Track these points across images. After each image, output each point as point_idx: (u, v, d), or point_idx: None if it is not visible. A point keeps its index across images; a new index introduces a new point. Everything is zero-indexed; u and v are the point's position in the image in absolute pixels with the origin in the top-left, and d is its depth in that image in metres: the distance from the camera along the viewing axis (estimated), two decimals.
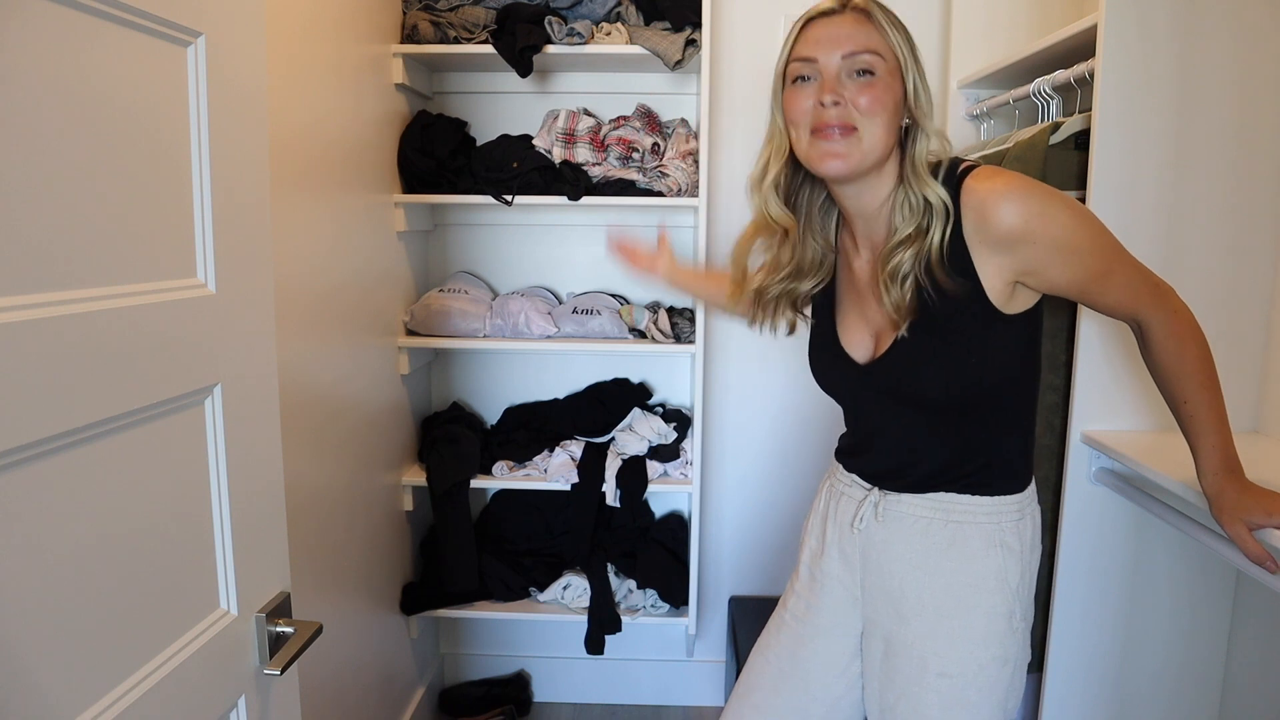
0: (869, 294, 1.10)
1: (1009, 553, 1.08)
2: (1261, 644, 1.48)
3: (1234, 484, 1.00)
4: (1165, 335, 1.03)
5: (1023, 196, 0.96)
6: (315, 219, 1.56)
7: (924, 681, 1.08)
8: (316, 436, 1.58)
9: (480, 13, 1.99)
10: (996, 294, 0.99)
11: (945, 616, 1.08)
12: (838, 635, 1.18)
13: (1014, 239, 0.96)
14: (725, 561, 2.40)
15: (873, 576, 1.13)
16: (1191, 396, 1.02)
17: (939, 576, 1.08)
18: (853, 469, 1.18)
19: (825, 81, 0.99)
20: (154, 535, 0.75)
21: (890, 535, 1.11)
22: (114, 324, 0.68)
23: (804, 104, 1.01)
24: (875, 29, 0.99)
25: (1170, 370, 1.03)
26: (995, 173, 0.99)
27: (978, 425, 1.06)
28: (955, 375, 1.02)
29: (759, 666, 1.25)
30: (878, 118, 0.98)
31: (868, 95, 0.98)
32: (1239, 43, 1.37)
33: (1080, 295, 1.03)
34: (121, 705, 0.70)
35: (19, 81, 0.59)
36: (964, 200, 0.99)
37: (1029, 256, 0.97)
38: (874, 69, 0.99)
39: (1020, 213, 0.95)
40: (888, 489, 1.12)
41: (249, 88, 0.87)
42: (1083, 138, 1.47)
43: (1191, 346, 1.02)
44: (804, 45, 1.02)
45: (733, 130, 2.20)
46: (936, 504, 1.08)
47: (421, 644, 2.26)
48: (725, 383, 2.32)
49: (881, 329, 1.09)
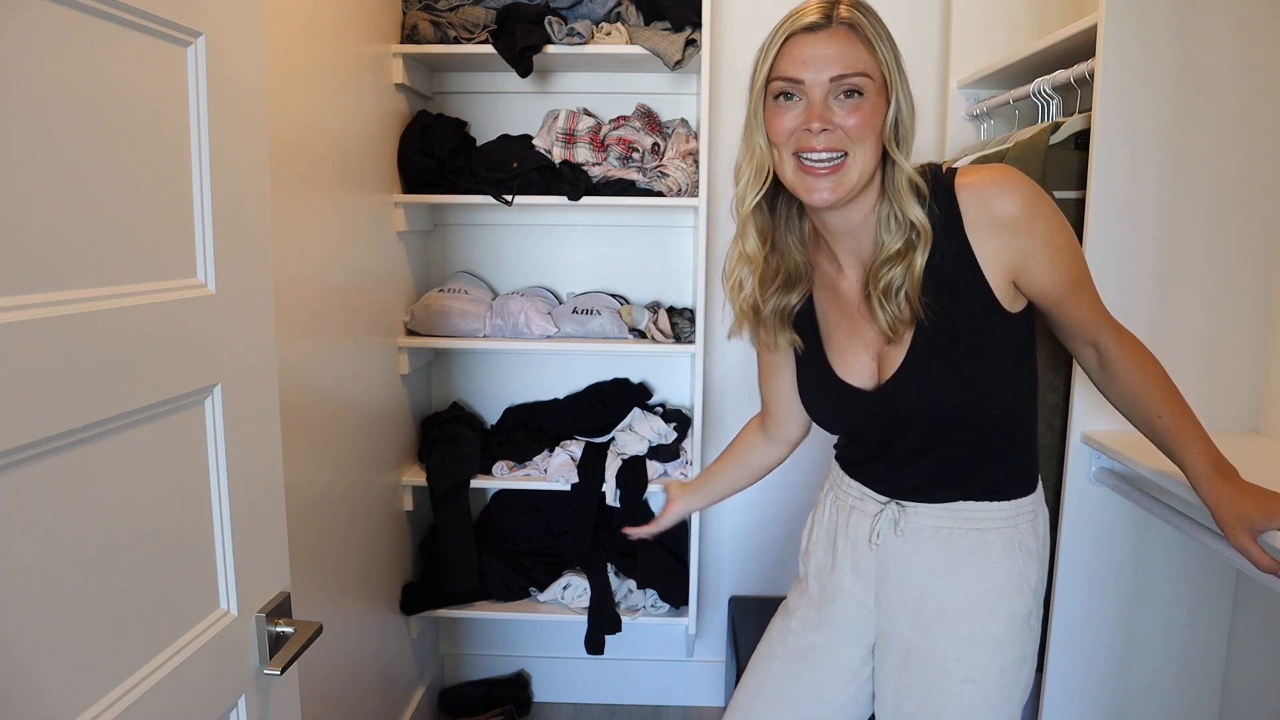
0: (861, 313, 1.07)
1: (1028, 554, 1.08)
2: (1261, 644, 1.48)
3: (1229, 487, 0.99)
4: (1129, 352, 1.05)
5: (1018, 184, 0.97)
6: (315, 219, 1.56)
7: (946, 688, 1.07)
8: (316, 436, 1.58)
9: (480, 13, 1.99)
10: (1001, 291, 0.99)
11: (967, 622, 1.07)
12: (849, 646, 1.17)
13: (1011, 224, 0.97)
14: (725, 561, 2.40)
15: (891, 589, 1.11)
16: (1164, 409, 1.03)
17: (960, 584, 1.07)
18: (863, 482, 1.15)
19: (812, 106, 0.95)
20: (154, 535, 0.75)
21: (910, 547, 1.09)
22: (114, 324, 0.68)
23: (788, 125, 0.97)
24: (864, 46, 0.94)
25: (1137, 387, 1.04)
26: (980, 166, 1.00)
27: (990, 434, 1.06)
28: (969, 387, 1.01)
29: (761, 676, 1.22)
30: (867, 141, 0.95)
31: (856, 118, 0.94)
32: (1239, 42, 1.37)
33: (1058, 303, 1.03)
34: (121, 705, 0.70)
35: (19, 81, 0.59)
36: (961, 197, 0.98)
37: (1023, 247, 0.98)
38: (863, 89, 0.95)
39: (1017, 199, 0.96)
40: (908, 502, 1.10)
41: (249, 88, 0.87)
42: (1083, 138, 1.47)
43: (1151, 362, 1.05)
44: (788, 63, 0.96)
45: (732, 130, 2.19)
46: (956, 513, 1.07)
47: (421, 644, 2.26)
48: (725, 383, 2.32)
49: (884, 349, 1.05)
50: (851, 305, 1.08)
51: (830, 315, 1.12)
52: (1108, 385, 1.09)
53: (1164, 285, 1.42)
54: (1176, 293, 1.43)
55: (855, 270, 1.08)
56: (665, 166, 2.01)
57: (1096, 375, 1.10)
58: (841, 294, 1.09)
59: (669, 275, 2.30)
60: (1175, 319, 1.42)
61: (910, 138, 0.99)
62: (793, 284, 1.10)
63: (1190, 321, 1.43)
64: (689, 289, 2.30)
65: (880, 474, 1.12)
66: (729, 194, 2.03)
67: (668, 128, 2.13)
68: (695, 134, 2.10)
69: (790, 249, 1.09)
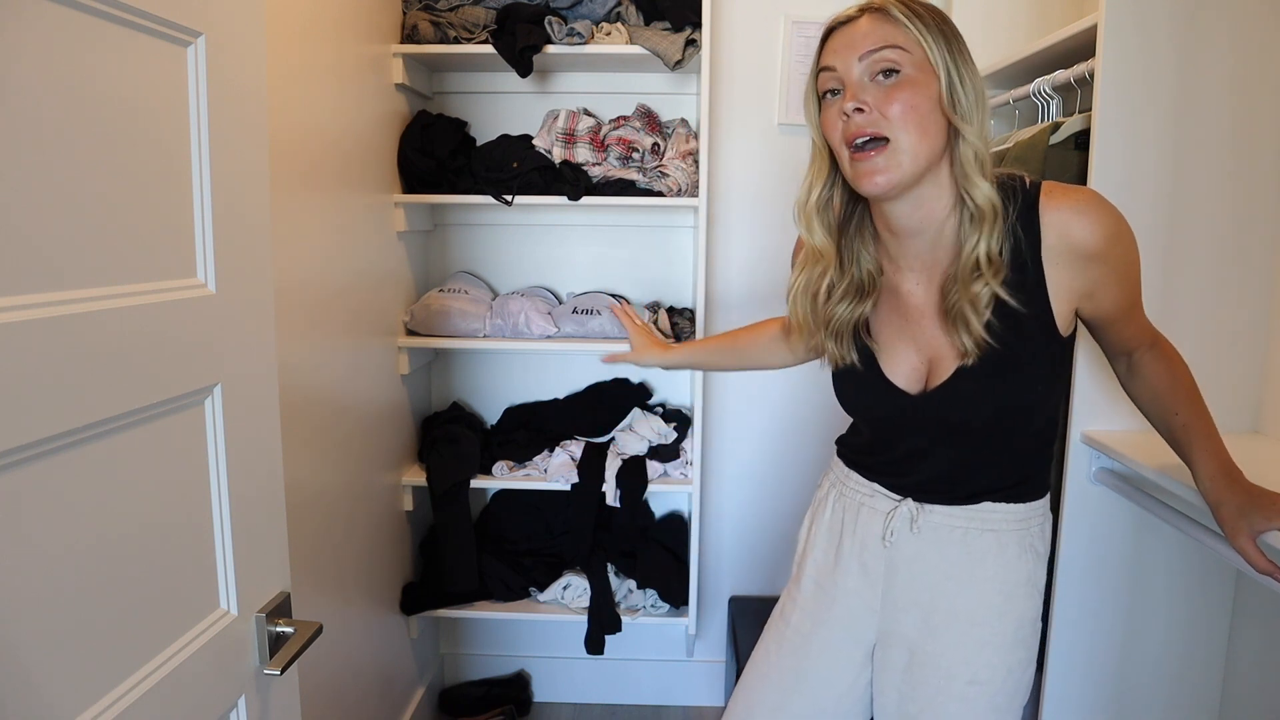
0: (923, 319, 1.04)
1: (1038, 557, 1.08)
2: (1261, 644, 1.48)
3: (1233, 487, 0.99)
4: (1161, 356, 1.08)
5: (1107, 214, 0.96)
6: (315, 219, 1.56)
7: (951, 690, 1.06)
8: (316, 436, 1.58)
9: (480, 13, 1.99)
10: (1061, 316, 0.99)
11: (976, 625, 1.06)
12: (848, 648, 1.15)
13: (1091, 255, 0.95)
14: (725, 561, 2.40)
15: (900, 589, 1.10)
16: (1183, 408, 1.05)
17: (973, 585, 1.06)
18: (877, 480, 1.14)
19: (847, 89, 0.94)
20: (154, 535, 0.75)
21: (924, 547, 1.08)
22: (114, 324, 0.68)
23: (834, 119, 0.96)
24: (893, 24, 0.93)
25: (1167, 387, 1.07)
26: (1071, 188, 0.98)
27: (1020, 441, 1.05)
28: (1015, 400, 1.00)
29: (758, 683, 1.21)
30: (910, 122, 0.92)
31: (896, 100, 0.92)
32: (1239, 42, 1.37)
33: (1113, 323, 1.04)
34: (121, 705, 0.70)
35: (19, 81, 0.59)
36: (1044, 217, 0.96)
37: (1097, 275, 0.97)
38: (898, 65, 0.92)
39: (1100, 230, 0.95)
40: (925, 501, 1.08)
41: (249, 88, 0.87)
42: (1083, 138, 1.47)
43: (1182, 365, 1.08)
44: (825, 55, 0.97)
45: (732, 130, 2.20)
46: (974, 514, 1.06)
47: (421, 644, 2.26)
48: (725, 383, 2.31)
49: (938, 356, 1.03)
50: (910, 306, 1.06)
51: (881, 310, 1.09)
52: (1134, 384, 1.11)
53: (1164, 285, 1.42)
54: (1176, 292, 1.43)
55: (920, 274, 1.05)
56: (665, 166, 2.01)
57: (1124, 376, 1.12)
58: (901, 294, 1.07)
59: (669, 275, 2.31)
60: (1175, 319, 1.42)
61: (974, 114, 0.94)
62: (865, 293, 1.07)
63: (1190, 321, 1.43)
64: (689, 289, 2.30)
65: (899, 471, 1.11)
66: (729, 194, 2.02)
67: (668, 128, 2.13)
68: (695, 134, 2.10)
69: (862, 256, 1.07)
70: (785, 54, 2.14)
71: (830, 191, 1.05)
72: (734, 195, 2.22)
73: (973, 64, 0.95)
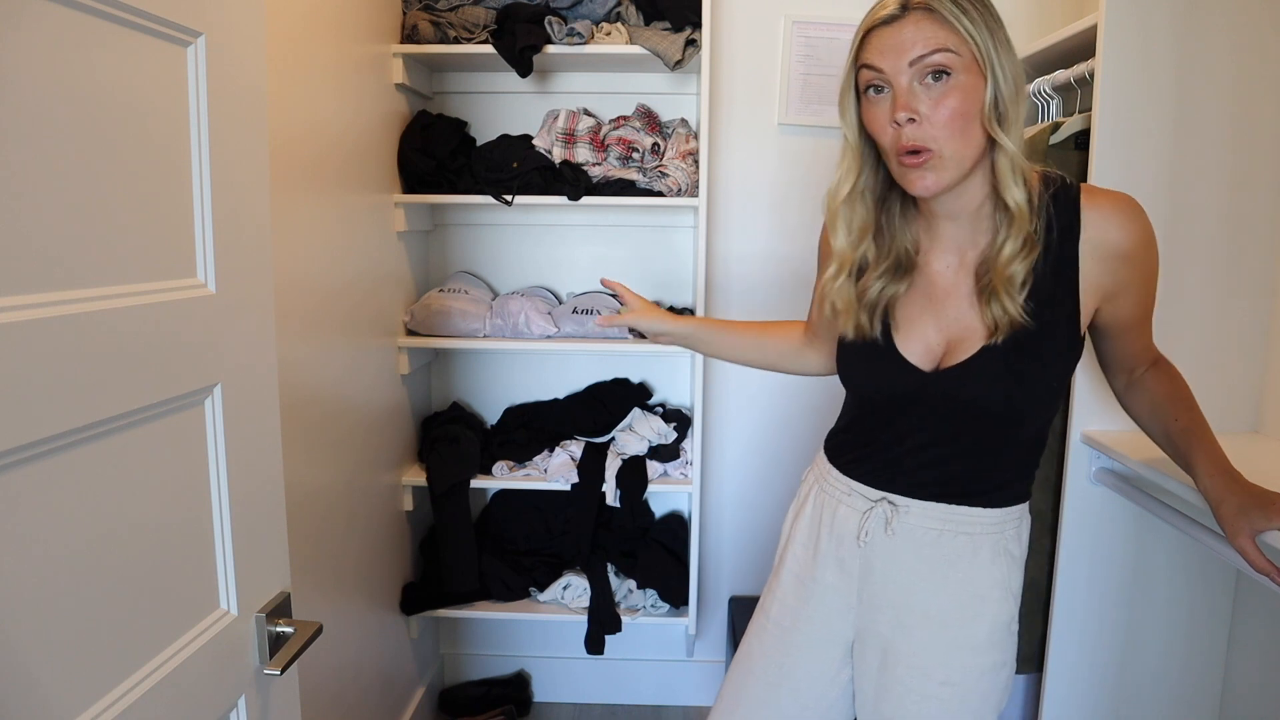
0: (949, 298, 1.04)
1: (1012, 561, 1.08)
2: (1261, 644, 1.48)
3: (1233, 487, 1.00)
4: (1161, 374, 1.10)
5: (1144, 219, 0.99)
6: (315, 219, 1.56)
7: (925, 691, 1.07)
8: (317, 436, 1.58)
9: (480, 13, 1.99)
10: (1086, 311, 1.01)
11: (949, 626, 1.07)
12: (828, 644, 1.16)
13: (1124, 255, 0.98)
14: (725, 561, 2.40)
15: (875, 587, 1.10)
16: (1183, 415, 1.07)
17: (946, 587, 1.07)
18: (857, 476, 1.13)
19: (898, 96, 0.93)
20: (154, 535, 0.75)
21: (899, 547, 1.08)
22: (114, 324, 0.68)
23: (881, 119, 0.96)
24: (942, 24, 0.91)
25: (1168, 395, 1.09)
26: (1108, 189, 1.01)
27: (1014, 442, 1.05)
28: (1028, 391, 1.00)
29: (741, 680, 1.21)
30: (956, 130, 0.92)
31: (945, 107, 0.91)
32: (1238, 43, 1.37)
33: (1124, 332, 1.06)
34: (121, 705, 0.70)
35: (19, 81, 0.59)
36: (1085, 214, 0.98)
37: (1124, 277, 1.00)
38: (949, 67, 0.91)
39: (1137, 233, 0.98)
40: (900, 495, 1.08)
41: (249, 88, 0.87)
42: (1083, 138, 1.48)
43: (1182, 380, 1.10)
44: (869, 52, 0.95)
45: (732, 130, 2.20)
46: (949, 515, 1.06)
47: (421, 644, 2.26)
48: (725, 383, 2.32)
49: (961, 335, 1.02)
50: (937, 286, 1.06)
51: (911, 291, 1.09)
52: (1133, 396, 1.13)
53: (1163, 285, 1.40)
54: (1176, 293, 1.43)
55: (951, 254, 1.05)
56: (665, 166, 2.01)
57: (1122, 390, 1.14)
58: (930, 273, 1.07)
59: (669, 275, 2.31)
60: (1175, 319, 1.42)
61: (1015, 118, 0.94)
62: (902, 271, 1.07)
63: (1190, 321, 1.43)
64: (689, 289, 2.30)
65: (888, 461, 1.10)
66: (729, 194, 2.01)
67: (668, 128, 2.13)
68: (695, 134, 2.11)
69: (900, 235, 1.07)
70: (785, 54, 2.14)
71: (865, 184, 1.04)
72: (734, 195, 2.22)
73: (1013, 50, 0.95)
